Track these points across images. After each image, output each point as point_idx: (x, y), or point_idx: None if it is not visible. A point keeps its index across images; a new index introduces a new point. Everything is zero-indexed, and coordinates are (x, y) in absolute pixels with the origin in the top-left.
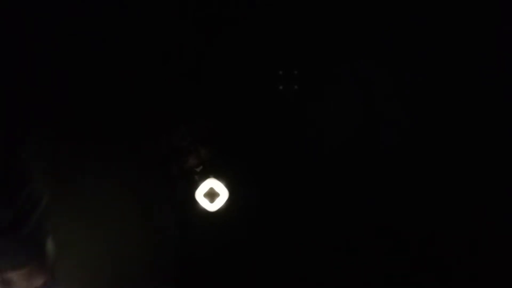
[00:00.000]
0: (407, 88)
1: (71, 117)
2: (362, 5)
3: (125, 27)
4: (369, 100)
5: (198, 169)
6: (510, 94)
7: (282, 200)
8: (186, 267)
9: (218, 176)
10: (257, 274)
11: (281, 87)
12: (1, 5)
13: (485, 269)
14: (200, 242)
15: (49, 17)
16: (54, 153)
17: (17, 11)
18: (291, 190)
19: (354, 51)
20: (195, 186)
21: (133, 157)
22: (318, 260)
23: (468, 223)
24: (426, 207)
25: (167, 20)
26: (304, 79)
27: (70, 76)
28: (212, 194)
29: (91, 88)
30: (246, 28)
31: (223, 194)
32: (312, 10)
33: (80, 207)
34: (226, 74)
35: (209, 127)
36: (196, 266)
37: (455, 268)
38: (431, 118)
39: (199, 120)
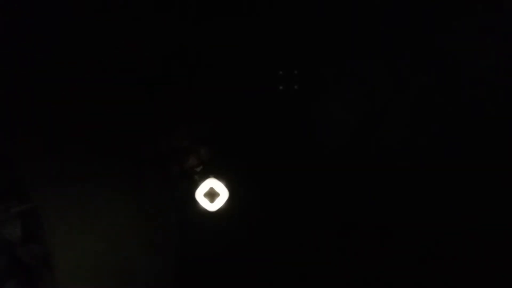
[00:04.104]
0: (407, 88)
1: (71, 117)
2: (362, 5)
3: (125, 27)
4: (369, 100)
5: (198, 169)
6: (510, 94)
7: (282, 200)
8: (186, 267)
9: (218, 176)
10: (257, 274)
11: (281, 87)
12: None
13: (485, 269)
14: (200, 242)
15: (48, 17)
16: (55, 154)
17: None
18: (291, 190)
19: (354, 51)
20: (195, 186)
21: (133, 157)
22: (317, 259)
23: (468, 223)
24: (426, 206)
25: (167, 20)
26: (304, 79)
27: (70, 77)
28: (212, 194)
29: (92, 88)
30: (246, 28)
31: (223, 194)
32: (312, 11)
33: (81, 207)
34: (226, 74)
35: (209, 127)
36: (196, 266)
37: (455, 268)
38: (431, 118)
39: (199, 120)
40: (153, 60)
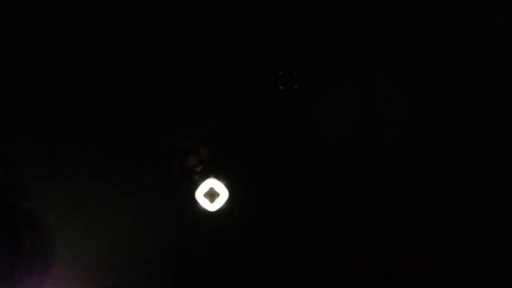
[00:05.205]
0: (407, 87)
1: (71, 117)
2: (362, 5)
3: (125, 27)
4: (369, 99)
5: (198, 169)
6: (510, 93)
7: (282, 200)
8: (186, 267)
9: (218, 176)
10: (257, 274)
11: (281, 87)
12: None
13: (485, 269)
14: (200, 242)
15: (48, 17)
16: (55, 153)
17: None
18: (291, 190)
19: (354, 51)
20: (195, 186)
21: (133, 157)
22: (317, 259)
23: (468, 223)
24: (426, 206)
25: (167, 20)
26: (304, 79)
27: (70, 76)
28: (212, 194)
29: (91, 88)
30: (246, 28)
31: (223, 194)
32: (312, 10)
33: (81, 207)
34: (226, 74)
35: (209, 127)
36: (196, 266)
37: (455, 268)
38: (431, 117)
39: (199, 120)
40: (153, 60)
